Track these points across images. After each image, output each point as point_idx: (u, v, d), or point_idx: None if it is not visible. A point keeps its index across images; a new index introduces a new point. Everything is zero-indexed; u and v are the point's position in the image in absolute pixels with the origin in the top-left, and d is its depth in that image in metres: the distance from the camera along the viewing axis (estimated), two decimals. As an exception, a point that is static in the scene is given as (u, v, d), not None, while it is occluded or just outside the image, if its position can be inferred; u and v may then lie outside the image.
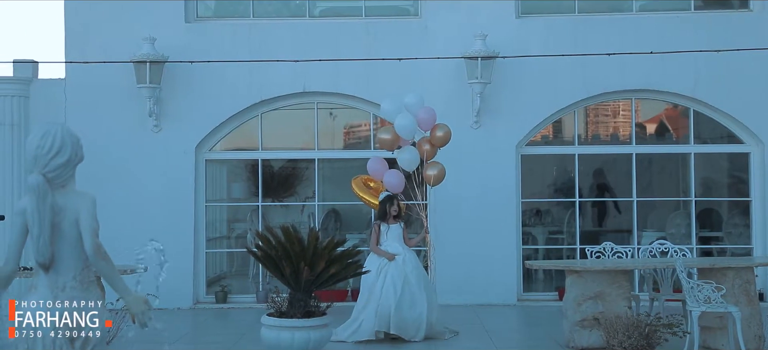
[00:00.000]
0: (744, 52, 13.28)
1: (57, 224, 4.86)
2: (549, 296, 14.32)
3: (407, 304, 10.35)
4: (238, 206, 16.12)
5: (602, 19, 14.09)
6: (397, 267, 10.49)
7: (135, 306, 4.86)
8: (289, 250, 7.99)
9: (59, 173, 4.90)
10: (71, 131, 4.99)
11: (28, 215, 4.84)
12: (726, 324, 9.92)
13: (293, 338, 8.07)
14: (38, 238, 4.79)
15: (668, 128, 15.34)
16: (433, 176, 11.26)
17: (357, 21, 14.22)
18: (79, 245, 4.89)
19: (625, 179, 14.77)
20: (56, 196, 4.89)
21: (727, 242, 14.92)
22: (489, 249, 13.82)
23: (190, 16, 14.19)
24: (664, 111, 15.11)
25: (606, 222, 16.26)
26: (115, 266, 4.94)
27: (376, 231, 10.83)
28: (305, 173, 15.84)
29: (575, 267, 10.55)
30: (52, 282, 4.88)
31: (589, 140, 15.06)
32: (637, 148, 14.36)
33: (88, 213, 4.89)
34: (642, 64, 13.58)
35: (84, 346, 4.87)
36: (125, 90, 13.80)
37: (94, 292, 4.95)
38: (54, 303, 4.84)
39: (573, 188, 14.92)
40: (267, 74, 13.86)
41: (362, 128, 15.09)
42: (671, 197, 15.96)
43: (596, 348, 10.12)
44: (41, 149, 4.88)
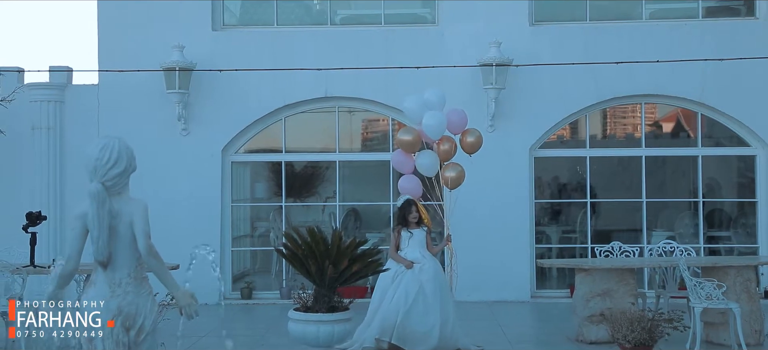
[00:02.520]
0: (750, 59, 13.76)
1: (114, 227, 5.47)
2: (561, 293, 14.87)
3: (418, 315, 9.88)
4: (261, 206, 16.71)
5: (613, 26, 14.61)
6: (413, 275, 10.05)
7: (183, 300, 5.46)
8: (315, 249, 8.55)
9: (116, 181, 5.52)
10: (127, 143, 5.61)
11: (88, 219, 5.44)
12: (727, 319, 10.45)
13: (318, 331, 8.61)
14: (98, 239, 5.40)
15: (684, 127, 15.76)
16: (451, 178, 10.73)
17: (376, 29, 14.80)
18: (133, 245, 5.50)
19: (635, 180, 15.27)
20: (113, 202, 5.50)
21: (734, 241, 15.39)
22: (503, 248, 14.35)
23: (216, 24, 14.81)
24: (662, 116, 15.55)
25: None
26: (164, 264, 5.54)
27: (396, 237, 10.35)
28: (325, 174, 16.44)
29: (584, 265, 11.10)
30: (110, 278, 5.49)
31: (600, 142, 15.54)
32: (647, 151, 14.87)
33: (141, 218, 5.49)
34: (651, 70, 14.07)
35: (138, 335, 5.48)
36: (155, 95, 14.42)
37: (146, 287, 5.57)
38: (111, 296, 5.45)
39: (583, 189, 15.48)
40: (290, 80, 14.45)
41: (381, 130, 15.65)
42: (680, 198, 16.41)
43: (604, 342, 10.68)
44: (100, 161, 5.49)
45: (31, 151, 14.66)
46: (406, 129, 10.95)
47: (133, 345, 5.45)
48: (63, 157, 14.77)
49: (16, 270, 10.45)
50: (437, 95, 10.83)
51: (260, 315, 13.67)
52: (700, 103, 14.49)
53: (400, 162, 10.88)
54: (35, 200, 14.19)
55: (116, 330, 5.39)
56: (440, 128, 10.58)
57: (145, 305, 5.52)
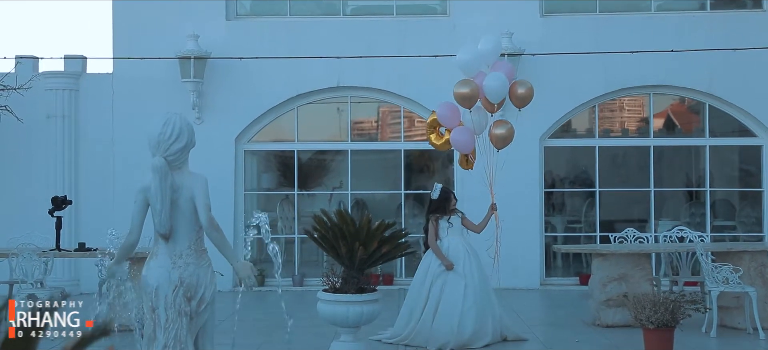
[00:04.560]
0: (757, 50, 13.98)
1: (175, 200, 5.63)
2: (570, 281, 15.08)
3: (471, 317, 9.73)
4: (269, 195, 16.84)
5: (622, 18, 14.80)
6: (456, 275, 9.86)
7: (242, 271, 5.62)
8: (345, 231, 8.72)
9: (178, 156, 5.67)
10: (187, 119, 5.76)
11: (151, 193, 5.60)
12: (742, 303, 10.66)
13: (348, 311, 8.76)
14: (160, 212, 5.55)
15: (673, 120, 15.97)
16: (500, 135, 10.05)
17: (389, 19, 14.96)
18: (194, 218, 5.66)
19: (633, 170, 15.49)
20: (174, 176, 5.65)
21: (740, 230, 15.61)
22: (514, 236, 14.42)
23: (230, 14, 14.94)
24: (670, 106, 15.75)
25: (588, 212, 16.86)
26: (225, 236, 5.69)
27: (435, 226, 10.07)
28: (331, 165, 16.59)
29: (601, 250, 11.30)
30: (171, 250, 5.64)
31: (608, 132, 15.74)
32: (655, 141, 15.09)
33: (202, 191, 5.65)
34: (660, 61, 14.26)
35: (199, 305, 5.62)
36: (169, 84, 14.53)
37: (205, 259, 5.72)
38: (173, 268, 5.60)
39: (588, 180, 15.69)
40: (303, 69, 14.59)
41: (393, 120, 15.81)
42: (683, 187, 16.63)
43: (621, 325, 10.89)
44: (163, 135, 5.64)
45: (46, 139, 14.75)
46: (465, 81, 9.99)
47: (195, 315, 5.60)
48: (77, 145, 14.87)
49: (43, 254, 10.57)
50: (493, 42, 10.16)
51: (274, 301, 13.79)
52: (708, 94, 14.70)
53: (446, 118, 10.14)
54: (50, 188, 14.28)
55: (178, 299, 5.53)
56: (504, 90, 9.91)
57: (206, 276, 5.67)
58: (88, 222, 14.49)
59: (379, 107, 15.76)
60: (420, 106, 14.82)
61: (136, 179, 14.61)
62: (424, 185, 16.31)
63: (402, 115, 15.22)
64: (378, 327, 10.13)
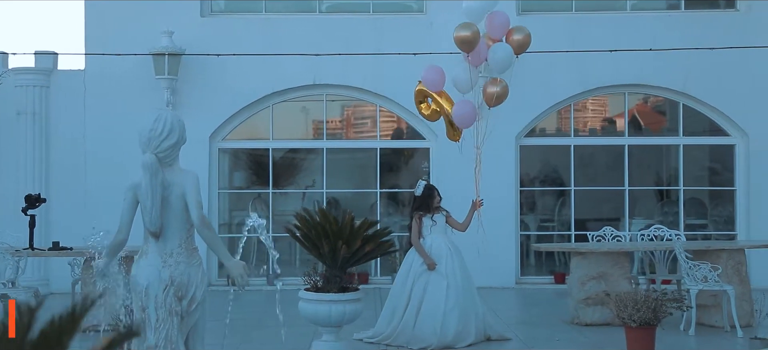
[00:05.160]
0: (731, 50, 14.08)
1: (166, 198, 5.52)
2: (545, 279, 15.13)
3: (455, 317, 9.67)
4: (240, 194, 16.69)
5: (597, 17, 14.85)
6: (438, 275, 9.78)
7: (235, 270, 5.53)
8: (328, 230, 8.64)
9: (169, 153, 5.56)
10: (178, 116, 5.65)
11: (142, 190, 5.49)
12: (719, 302, 10.73)
13: (330, 310, 8.68)
14: (151, 210, 5.44)
15: (641, 121, 16.03)
16: (494, 93, 9.85)
17: (365, 17, 14.89)
18: (184, 216, 5.55)
19: (612, 169, 15.55)
20: (165, 173, 5.54)
21: (711, 229, 15.73)
22: (489, 235, 14.45)
23: (205, 10, 14.79)
24: (636, 105, 15.80)
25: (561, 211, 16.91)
26: (217, 234, 5.59)
27: (418, 224, 9.95)
28: (304, 163, 16.49)
29: (581, 249, 11.31)
30: (161, 248, 5.54)
31: (583, 131, 15.79)
32: (630, 140, 15.15)
33: (193, 189, 5.54)
34: (635, 61, 14.32)
35: (190, 305, 5.53)
36: (143, 81, 14.35)
37: (196, 258, 5.63)
38: (163, 266, 5.50)
39: (560, 178, 15.76)
40: (278, 67, 14.48)
41: (369, 118, 15.75)
42: (653, 186, 16.71)
43: (599, 323, 10.92)
44: (154, 132, 5.54)
45: (16, 136, 14.52)
46: (466, 24, 9.69)
47: (186, 314, 5.50)
48: (48, 142, 14.64)
49: (17, 253, 10.39)
50: None
51: (249, 300, 13.68)
52: (683, 93, 14.79)
53: (433, 82, 10.01)
54: (20, 186, 14.05)
55: (169, 299, 5.43)
56: (509, 59, 9.70)
57: (197, 275, 5.58)
58: (58, 221, 14.27)
59: (344, 107, 15.66)
60: (397, 104, 14.77)
61: (108, 177, 14.56)
62: (398, 184, 16.28)
63: (378, 113, 15.15)
64: (357, 326, 10.06)
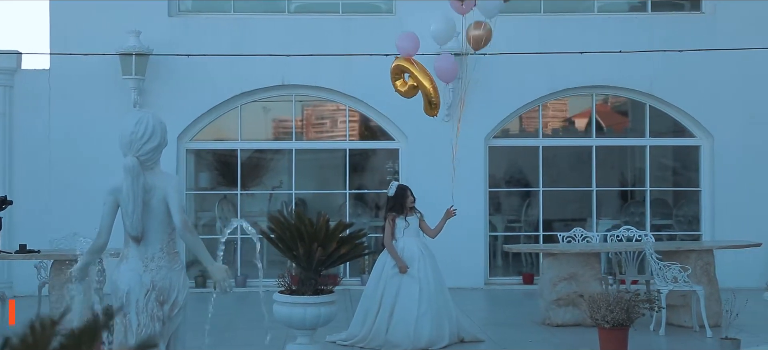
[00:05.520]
0: (697, 52, 14.22)
1: (147, 201, 5.45)
2: (514, 280, 15.18)
3: (429, 320, 9.63)
4: (205, 195, 16.56)
5: (566, 19, 14.93)
6: (411, 278, 9.73)
7: (217, 274, 5.47)
8: (303, 232, 8.59)
9: (150, 156, 5.49)
10: (160, 118, 5.58)
11: (123, 194, 5.41)
12: (688, 302, 10.84)
13: (305, 313, 8.63)
14: (132, 214, 5.37)
15: (600, 121, 16.11)
16: (478, 37, 9.73)
17: (335, 17, 14.85)
18: (166, 220, 5.48)
19: (578, 169, 15.65)
20: (146, 176, 5.47)
21: (676, 229, 15.88)
22: (458, 236, 14.51)
23: (173, 10, 14.66)
24: (586, 105, 15.86)
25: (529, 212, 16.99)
26: (200, 239, 5.53)
27: (391, 225, 9.90)
28: (270, 164, 16.41)
29: (552, 249, 11.36)
30: (142, 252, 5.46)
31: (552, 132, 15.86)
32: (597, 141, 15.26)
33: (176, 192, 5.48)
34: (603, 62, 14.41)
35: (171, 309, 5.46)
36: (109, 81, 14.20)
37: (178, 262, 5.56)
38: (144, 271, 5.42)
39: (524, 179, 15.86)
40: (247, 67, 14.38)
41: (338, 119, 15.71)
42: (617, 186, 16.83)
43: (570, 324, 10.99)
44: (135, 135, 5.46)
45: (-20, 137, 14.29)
46: None
47: (167, 319, 5.43)
48: (12, 143, 14.41)
49: (-16, 256, 10.22)
50: None
51: (218, 302, 13.55)
52: (649, 94, 14.92)
53: (405, 48, 10.03)
54: (-17, 187, 13.85)
55: (151, 303, 5.36)
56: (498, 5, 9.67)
57: (178, 280, 5.51)
58: (22, 223, 14.04)
59: (303, 106, 15.57)
60: (366, 105, 14.76)
61: (73, 179, 14.37)
62: (365, 185, 16.26)
63: (347, 113, 15.11)
64: (329, 328, 10.01)
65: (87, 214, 13.66)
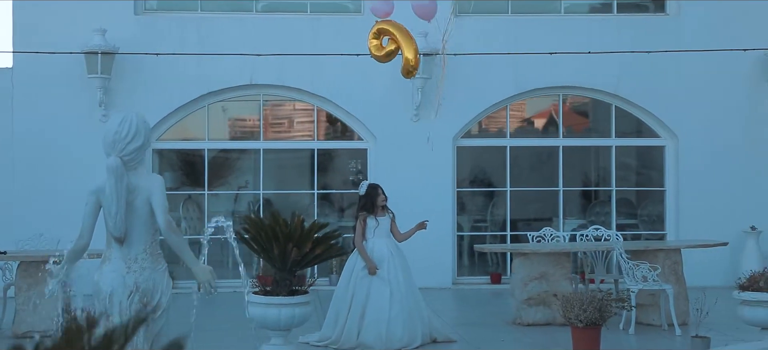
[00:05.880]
0: (662, 53, 14.38)
1: (130, 202, 5.38)
2: (481, 280, 15.23)
3: (401, 322, 9.59)
4: (171, 195, 16.36)
5: (534, 19, 15.00)
6: (381, 280, 9.67)
7: (202, 276, 5.41)
8: (278, 232, 8.54)
9: (134, 156, 5.42)
10: (144, 118, 5.51)
11: (106, 194, 5.33)
12: (656, 301, 10.94)
13: (280, 314, 8.59)
14: (116, 215, 5.30)
15: (555, 119, 16.20)
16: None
17: (302, 17, 14.79)
18: (149, 221, 5.42)
19: (547, 169, 15.75)
20: (130, 177, 5.40)
21: (640, 228, 16.03)
22: (426, 236, 14.50)
23: (139, 8, 14.51)
24: (552, 106, 16.00)
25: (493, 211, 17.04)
26: (184, 239, 5.47)
27: (362, 225, 9.80)
28: (236, 164, 16.31)
29: (523, 249, 11.41)
30: (125, 254, 5.39)
31: (519, 132, 15.92)
32: (564, 141, 15.36)
33: (159, 193, 5.41)
34: (569, 63, 14.51)
35: (155, 311, 5.40)
36: (74, 80, 14.02)
37: (161, 263, 5.49)
38: (127, 272, 5.36)
39: (495, 179, 15.95)
40: (214, 66, 14.28)
41: (306, 119, 15.65)
42: (581, 186, 16.94)
43: (541, 323, 11.05)
44: (119, 135, 5.39)
45: (-59, 136, 14.04)
46: None
47: (151, 321, 5.37)
48: (-25, 143, 14.19)
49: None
50: None
51: (182, 303, 13.45)
52: (616, 95, 15.04)
53: (379, 9, 9.70)
54: (-55, 188, 13.61)
55: (134, 305, 5.30)
56: None
57: (162, 281, 5.45)
58: (-16, 223, 13.85)
59: (262, 106, 15.47)
60: (334, 105, 14.73)
61: (37, 179, 14.15)
62: (330, 185, 16.21)
63: (315, 113, 15.06)
64: (303, 328, 9.96)
65: (52, 214, 13.52)
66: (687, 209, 15.10)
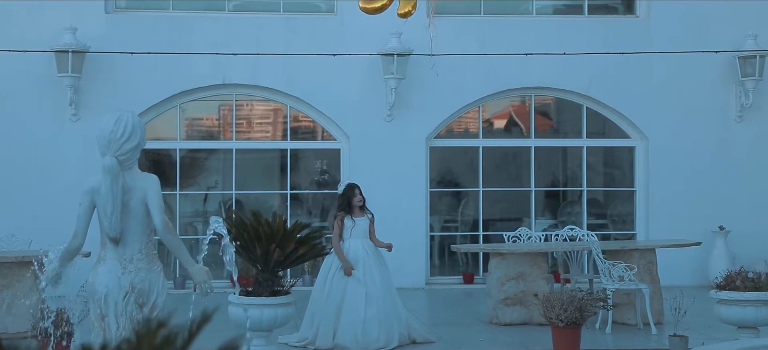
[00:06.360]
0: (632, 54, 14.52)
1: (126, 202, 5.31)
2: (454, 280, 15.26)
3: (376, 323, 9.51)
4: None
5: (506, 20, 15.06)
6: (356, 281, 9.60)
7: (198, 276, 5.35)
8: (261, 233, 8.49)
9: (129, 156, 5.35)
10: (139, 117, 5.44)
11: (101, 194, 5.26)
12: (632, 300, 11.03)
13: (262, 315, 8.54)
14: (111, 215, 5.23)
15: (517, 122, 16.31)
16: None
17: (276, 16, 14.72)
18: (145, 221, 5.36)
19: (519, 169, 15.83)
20: (125, 176, 5.34)
21: (610, 228, 16.17)
22: (400, 236, 14.47)
23: (109, 7, 14.36)
24: (512, 107, 16.10)
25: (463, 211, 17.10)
26: (181, 240, 5.42)
27: (339, 225, 9.73)
28: (205, 164, 16.20)
29: (500, 249, 11.46)
30: (120, 254, 5.32)
31: (492, 133, 15.98)
32: (536, 141, 15.45)
33: (155, 193, 5.35)
34: (542, 64, 14.61)
35: (151, 312, 5.33)
36: (44, 79, 13.86)
37: (157, 264, 5.43)
38: (123, 273, 5.29)
39: (467, 180, 16.01)
40: (187, 66, 14.17)
41: (279, 119, 15.59)
42: (550, 187, 17.04)
43: (517, 323, 11.10)
44: (114, 134, 5.32)
45: None
46: None
47: (146, 323, 5.29)
48: (-58, 142, 13.95)
49: None
50: None
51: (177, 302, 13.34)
52: (587, 96, 15.16)
53: None
54: None
55: (130, 306, 5.23)
56: None
57: (157, 282, 5.39)
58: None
59: (220, 106, 15.39)
60: (308, 105, 14.68)
61: (6, 180, 13.91)
62: (301, 185, 16.15)
63: (288, 112, 15.00)
64: (282, 329, 9.90)
65: (22, 214, 13.34)
66: (656, 209, 15.26)
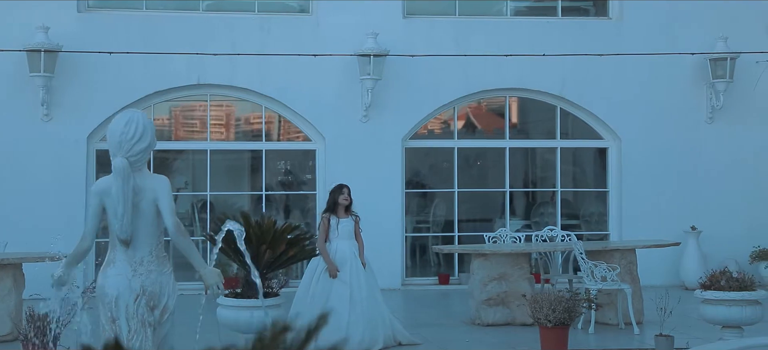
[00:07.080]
0: (605, 56, 14.62)
1: (136, 204, 5.22)
2: (430, 280, 15.26)
3: (361, 325, 9.44)
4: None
5: (481, 21, 15.09)
6: (342, 283, 9.51)
7: (210, 278, 5.27)
8: (251, 234, 8.42)
9: (140, 157, 5.26)
10: (149, 119, 5.35)
11: (112, 196, 5.16)
12: (613, 300, 11.11)
13: (251, 317, 8.46)
14: (122, 217, 5.12)
15: (476, 123, 16.36)
16: None
17: (251, 17, 14.62)
18: (155, 223, 5.26)
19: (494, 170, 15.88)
20: (135, 178, 5.24)
21: (584, 229, 16.26)
22: (375, 237, 14.42)
23: (82, 5, 14.15)
24: (485, 105, 16.15)
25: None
26: (192, 242, 5.33)
27: (325, 225, 9.64)
28: (174, 164, 16.04)
29: (483, 250, 11.47)
30: (130, 256, 5.23)
31: (467, 134, 16.00)
32: (511, 142, 15.50)
33: (166, 194, 5.26)
34: (516, 65, 14.66)
35: (162, 315, 5.24)
36: (16, 79, 13.63)
37: (167, 266, 5.34)
38: (133, 276, 5.19)
39: (421, 182, 16.07)
40: (161, 66, 14.01)
41: (254, 119, 15.48)
42: (522, 187, 17.12)
43: (500, 323, 11.12)
44: (125, 135, 5.22)
45: None
46: None
47: (158, 325, 5.22)
48: None
49: None
50: None
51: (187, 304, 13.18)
52: (560, 97, 15.24)
53: None
54: None
55: (141, 309, 5.13)
56: None
57: (168, 284, 5.30)
58: None
59: (171, 108, 15.21)
60: (283, 105, 14.60)
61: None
62: (271, 186, 16.05)
63: (263, 113, 14.90)
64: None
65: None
66: (629, 209, 15.37)
